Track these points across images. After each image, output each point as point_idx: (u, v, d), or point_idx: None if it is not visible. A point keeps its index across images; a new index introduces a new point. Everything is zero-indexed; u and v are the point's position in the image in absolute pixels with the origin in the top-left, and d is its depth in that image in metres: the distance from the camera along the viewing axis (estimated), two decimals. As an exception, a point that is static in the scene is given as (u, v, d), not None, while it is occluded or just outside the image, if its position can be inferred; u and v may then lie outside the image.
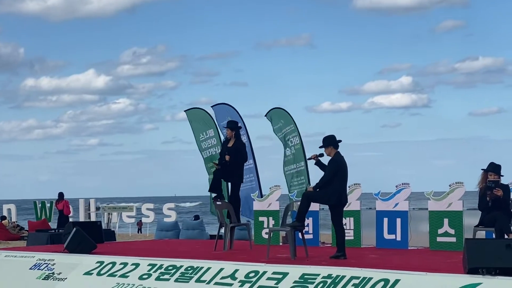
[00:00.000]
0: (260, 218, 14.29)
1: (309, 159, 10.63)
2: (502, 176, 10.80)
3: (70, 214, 24.29)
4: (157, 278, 10.41)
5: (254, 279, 9.48)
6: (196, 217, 21.15)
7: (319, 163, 10.31)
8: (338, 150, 10.11)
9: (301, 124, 16.24)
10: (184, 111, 17.51)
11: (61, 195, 23.99)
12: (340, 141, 10.13)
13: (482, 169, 10.84)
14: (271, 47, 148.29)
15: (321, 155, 10.24)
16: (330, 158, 10.17)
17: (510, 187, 11.06)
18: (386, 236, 12.70)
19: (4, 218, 25.89)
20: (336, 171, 10.06)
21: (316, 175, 11.41)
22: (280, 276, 9.41)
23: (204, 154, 17.11)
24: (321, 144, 10.23)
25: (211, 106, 17.33)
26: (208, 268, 10.18)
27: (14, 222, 25.93)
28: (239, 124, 13.08)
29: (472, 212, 11.88)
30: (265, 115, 17.10)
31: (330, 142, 10.14)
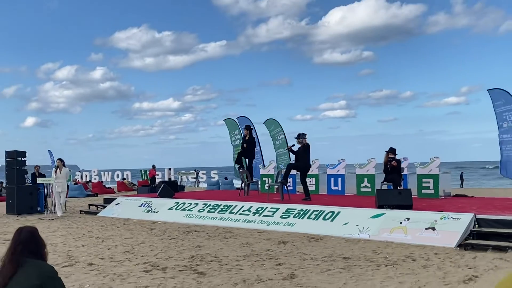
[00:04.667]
0: (264, 178, 15.37)
1: (287, 149, 12.28)
2: (396, 154, 12.42)
3: (159, 176, 28.33)
4: (208, 211, 11.80)
5: (260, 211, 10.58)
6: (226, 178, 23.44)
7: (291, 150, 12.12)
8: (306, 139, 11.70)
9: (284, 127, 19.51)
10: (223, 120, 20.49)
11: (153, 166, 28.94)
12: (305, 134, 11.91)
13: (385, 151, 12.63)
14: (270, 84, 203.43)
15: (293, 145, 11.95)
16: (299, 145, 11.61)
17: (401, 161, 12.68)
18: (333, 188, 14.27)
19: (124, 179, 31.93)
20: (306, 151, 11.63)
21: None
22: (275, 209, 10.44)
23: (233, 143, 19.32)
24: (297, 136, 11.72)
25: (237, 118, 19.91)
26: (235, 205, 11.52)
27: (130, 181, 31.52)
28: (251, 127, 14.39)
29: (380, 174, 13.21)
30: (264, 123, 19.62)
31: (304, 135, 11.82)
